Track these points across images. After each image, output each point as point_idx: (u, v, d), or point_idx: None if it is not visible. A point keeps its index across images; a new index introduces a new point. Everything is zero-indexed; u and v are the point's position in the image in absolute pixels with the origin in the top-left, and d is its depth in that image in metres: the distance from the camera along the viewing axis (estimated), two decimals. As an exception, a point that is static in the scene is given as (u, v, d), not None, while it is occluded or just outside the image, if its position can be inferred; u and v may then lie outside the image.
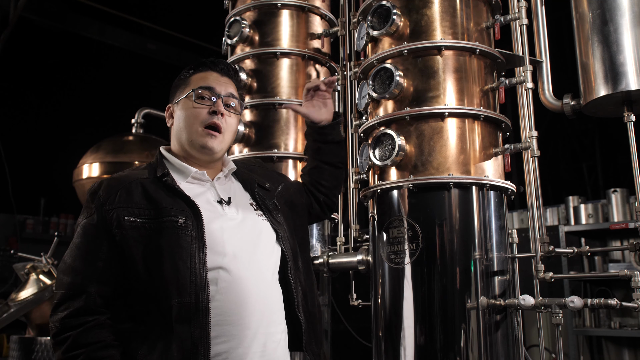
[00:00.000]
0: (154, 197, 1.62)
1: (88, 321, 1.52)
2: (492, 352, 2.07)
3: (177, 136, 1.78)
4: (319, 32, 2.95)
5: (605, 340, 4.87)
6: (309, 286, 1.81)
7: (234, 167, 1.83)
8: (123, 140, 4.68)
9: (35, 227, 7.60)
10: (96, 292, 1.55)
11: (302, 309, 1.72)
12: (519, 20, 2.37)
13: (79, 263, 1.58)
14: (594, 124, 7.96)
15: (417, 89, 2.24)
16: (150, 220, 1.58)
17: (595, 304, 1.99)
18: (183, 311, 1.50)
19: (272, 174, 1.99)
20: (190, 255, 1.54)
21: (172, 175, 1.69)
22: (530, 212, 2.26)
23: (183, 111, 1.75)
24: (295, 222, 1.87)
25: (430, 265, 2.11)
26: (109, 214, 1.58)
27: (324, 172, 2.08)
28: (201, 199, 1.67)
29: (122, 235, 1.57)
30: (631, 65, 2.18)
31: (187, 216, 1.59)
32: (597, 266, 5.00)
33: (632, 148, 2.19)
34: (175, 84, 1.83)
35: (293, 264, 1.75)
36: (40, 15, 6.65)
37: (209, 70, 1.80)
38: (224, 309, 1.54)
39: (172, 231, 1.56)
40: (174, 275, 1.53)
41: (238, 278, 1.58)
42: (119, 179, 1.67)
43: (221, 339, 1.53)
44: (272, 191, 1.86)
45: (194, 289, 1.52)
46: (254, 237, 1.69)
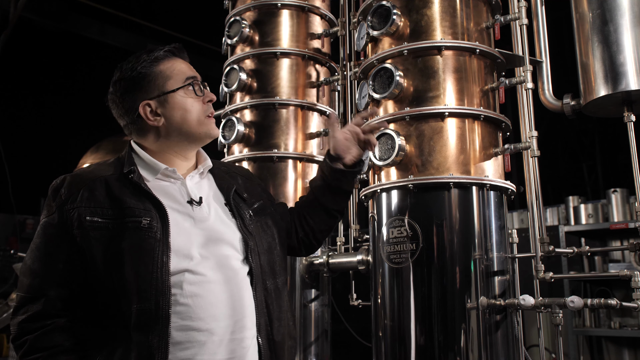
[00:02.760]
0: (118, 196, 1.52)
1: (46, 325, 1.46)
2: (492, 352, 2.07)
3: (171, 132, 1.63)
4: (319, 32, 2.96)
5: (605, 340, 4.87)
6: (278, 313, 1.64)
7: (210, 164, 1.72)
8: (123, 140, 4.67)
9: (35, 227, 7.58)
10: (55, 296, 1.48)
11: (265, 335, 1.58)
12: (519, 20, 2.37)
13: (37, 265, 1.51)
14: (594, 124, 7.97)
15: (417, 89, 2.24)
16: (112, 220, 1.49)
17: (595, 304, 1.99)
18: (142, 318, 1.42)
19: (255, 188, 1.83)
20: (153, 259, 1.45)
21: (139, 172, 1.59)
22: (530, 212, 2.26)
23: (181, 105, 1.62)
24: (270, 244, 1.71)
25: (430, 265, 2.11)
26: (69, 213, 1.50)
27: (316, 212, 1.89)
28: (170, 198, 1.57)
29: (83, 236, 1.48)
30: (631, 65, 2.18)
31: (152, 217, 1.50)
32: (597, 266, 5.00)
33: (632, 148, 2.19)
34: (136, 77, 1.63)
35: (261, 282, 1.61)
36: (40, 15, 6.64)
37: (174, 57, 1.69)
38: (189, 313, 1.46)
39: (135, 233, 1.47)
40: (134, 279, 1.45)
41: (205, 282, 1.49)
42: (82, 175, 1.59)
43: (185, 345, 1.45)
44: (249, 204, 1.73)
45: (154, 295, 1.43)
46: (224, 239, 1.58)
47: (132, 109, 1.64)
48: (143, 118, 1.62)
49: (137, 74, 1.63)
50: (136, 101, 1.63)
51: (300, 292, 2.71)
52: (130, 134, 1.70)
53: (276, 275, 1.69)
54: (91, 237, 1.48)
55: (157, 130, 1.64)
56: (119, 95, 1.67)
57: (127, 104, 1.65)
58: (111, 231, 1.48)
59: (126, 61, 1.67)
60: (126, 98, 1.65)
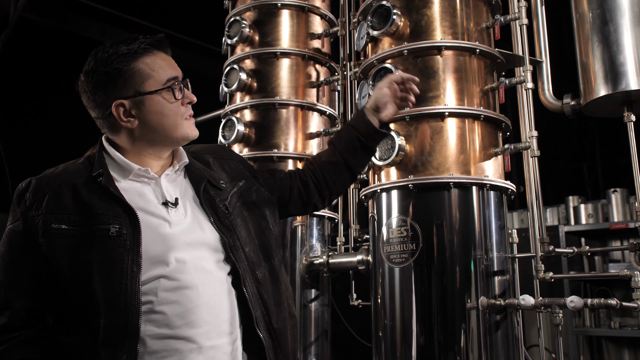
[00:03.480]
0: (86, 201, 1.42)
1: (12, 337, 1.39)
2: (492, 352, 2.07)
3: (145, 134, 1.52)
4: (319, 32, 2.96)
5: (605, 340, 4.87)
6: (276, 298, 1.57)
7: (186, 160, 1.59)
8: (123, 140, 4.67)
9: (35, 227, 7.59)
10: (21, 307, 1.40)
11: (264, 326, 1.51)
12: (519, 20, 2.37)
13: (2, 275, 1.42)
14: (594, 124, 7.97)
15: (417, 89, 2.24)
16: (79, 227, 1.39)
17: (595, 304, 1.99)
18: (110, 333, 1.35)
19: (234, 167, 1.71)
20: (122, 270, 1.36)
21: (110, 174, 1.47)
22: (530, 212, 2.26)
23: (157, 109, 1.49)
24: (260, 225, 1.64)
25: (430, 265, 2.11)
26: (34, 220, 1.40)
27: (341, 174, 1.83)
28: (142, 200, 1.46)
29: (48, 245, 1.38)
30: (631, 65, 2.18)
31: (122, 223, 1.39)
32: (597, 266, 5.00)
33: (632, 148, 2.19)
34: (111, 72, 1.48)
35: (250, 275, 1.52)
36: (40, 15, 6.64)
37: (156, 52, 1.53)
38: (165, 321, 1.38)
39: (103, 241, 1.37)
40: (102, 292, 1.35)
41: (181, 287, 1.40)
42: (49, 178, 1.48)
43: (162, 354, 1.37)
44: (227, 190, 1.60)
45: (123, 310, 1.34)
46: (200, 241, 1.48)
47: (104, 105, 1.50)
48: (115, 117, 1.50)
49: (113, 70, 1.48)
50: (109, 98, 1.49)
51: (300, 292, 2.71)
52: (102, 128, 1.57)
53: (270, 258, 1.62)
54: (57, 245, 1.38)
55: (130, 131, 1.51)
56: (90, 88, 1.53)
57: (99, 99, 1.51)
58: (78, 239, 1.39)
59: (102, 49, 1.51)
60: (98, 92, 1.51)
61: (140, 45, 1.50)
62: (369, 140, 1.82)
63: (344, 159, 1.83)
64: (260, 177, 1.76)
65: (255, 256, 1.57)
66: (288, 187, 1.81)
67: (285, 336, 1.57)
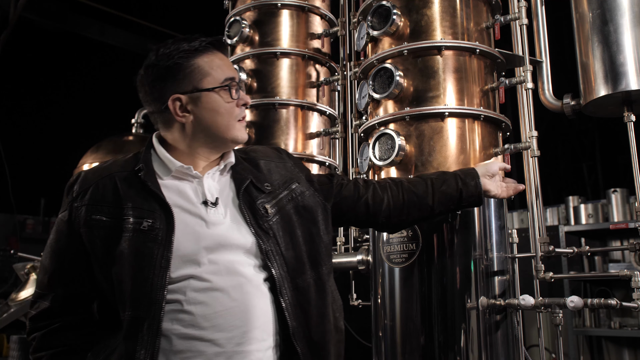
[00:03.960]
0: (124, 195, 1.45)
1: (53, 323, 1.45)
2: (492, 352, 2.07)
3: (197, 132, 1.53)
4: (319, 32, 2.96)
5: (605, 340, 4.87)
6: (319, 309, 1.50)
7: (233, 160, 1.59)
8: (123, 140, 4.68)
9: (35, 227, 7.61)
10: (63, 294, 1.46)
11: (302, 337, 1.46)
12: (519, 20, 2.37)
13: (48, 262, 1.49)
14: (594, 124, 7.97)
15: (417, 89, 2.24)
16: (116, 219, 1.42)
17: (595, 304, 1.99)
18: (133, 326, 1.35)
19: (288, 169, 1.67)
20: (151, 264, 1.37)
21: (152, 170, 1.49)
22: (530, 212, 2.26)
23: (213, 106, 1.52)
24: (310, 231, 1.58)
25: (430, 265, 2.11)
26: (78, 210, 1.45)
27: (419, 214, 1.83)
28: (181, 198, 1.47)
29: (88, 235, 1.43)
30: (631, 65, 2.18)
31: (156, 218, 1.41)
32: (597, 266, 5.00)
33: (632, 148, 2.19)
34: (172, 66, 1.52)
35: (288, 283, 1.47)
36: (40, 15, 6.65)
37: (214, 51, 1.56)
38: (192, 322, 1.37)
39: (136, 234, 1.40)
40: (130, 284, 1.37)
41: (211, 289, 1.39)
42: (95, 171, 1.52)
43: (187, 354, 1.36)
44: (273, 193, 1.57)
45: (147, 304, 1.35)
46: (236, 244, 1.46)
47: (161, 99, 1.53)
48: (170, 111, 1.52)
49: (174, 64, 1.51)
50: (167, 92, 1.52)
51: (300, 292, 2.70)
52: (155, 123, 1.60)
53: (318, 266, 1.55)
54: (95, 236, 1.43)
55: (182, 126, 1.53)
56: (149, 81, 1.55)
57: (156, 93, 1.54)
58: (114, 231, 1.42)
59: (163, 45, 1.55)
60: (156, 86, 1.53)
61: (201, 43, 1.54)
62: (467, 202, 1.85)
63: (434, 203, 1.82)
64: (316, 182, 1.71)
65: (298, 263, 1.52)
66: (354, 195, 1.77)
67: (326, 350, 1.51)
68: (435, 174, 1.92)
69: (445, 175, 1.88)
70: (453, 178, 1.86)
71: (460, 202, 1.84)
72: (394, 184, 1.84)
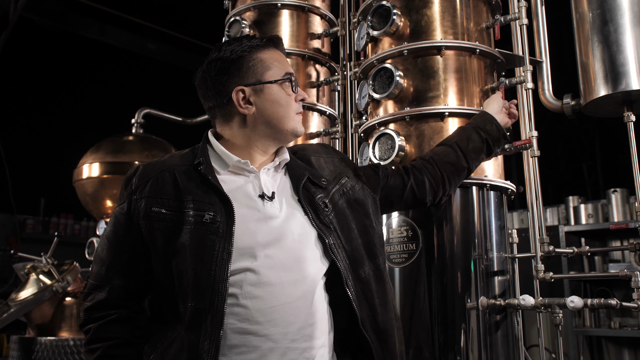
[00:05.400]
0: (184, 188, 1.47)
1: (109, 314, 1.47)
2: (492, 352, 2.07)
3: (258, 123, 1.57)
4: (319, 32, 2.95)
5: (605, 340, 4.87)
6: (381, 298, 1.54)
7: (287, 157, 1.62)
8: (123, 140, 4.68)
9: (35, 227, 7.61)
10: (120, 285, 1.48)
11: (371, 326, 1.49)
12: (519, 20, 2.37)
13: (105, 253, 1.51)
14: (594, 124, 7.97)
15: (417, 89, 2.24)
16: (176, 212, 1.44)
17: (595, 304, 1.99)
18: (196, 318, 1.37)
19: (336, 164, 1.71)
20: (213, 256, 1.38)
21: (211, 164, 1.52)
22: (530, 212, 2.26)
23: (275, 98, 1.57)
24: (364, 223, 1.62)
25: (430, 265, 2.11)
26: (137, 203, 1.47)
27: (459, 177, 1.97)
28: (239, 192, 1.50)
29: (147, 227, 1.45)
30: (631, 65, 2.18)
31: (217, 211, 1.43)
32: (597, 266, 5.00)
33: (632, 148, 2.19)
34: (236, 59, 1.57)
35: (352, 274, 1.50)
36: (40, 15, 6.65)
37: (274, 48, 1.63)
38: (247, 316, 1.38)
39: (197, 227, 1.42)
40: (192, 276, 1.39)
41: (267, 284, 1.40)
42: (154, 165, 1.54)
43: (241, 349, 1.37)
44: (328, 188, 1.60)
45: (209, 295, 1.36)
46: (295, 240, 1.48)
47: (224, 92, 1.57)
48: (233, 103, 1.56)
49: (238, 57, 1.57)
50: (230, 84, 1.56)
51: (300, 292, 2.70)
52: (214, 119, 1.63)
53: (375, 257, 1.59)
54: (155, 228, 1.44)
55: (244, 118, 1.57)
56: (212, 75, 1.59)
57: (220, 86, 1.58)
58: (175, 224, 1.44)
59: (225, 42, 1.62)
60: (220, 79, 1.57)
61: (261, 40, 1.62)
62: (496, 145, 1.98)
63: (468, 163, 1.94)
64: (363, 175, 1.76)
65: (358, 255, 1.55)
66: (400, 184, 1.83)
67: (392, 337, 1.54)
68: (455, 135, 2.02)
69: (465, 132, 1.99)
70: (475, 132, 1.98)
71: (489, 149, 2.01)
72: (427, 162, 1.91)
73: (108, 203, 4.49)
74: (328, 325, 1.49)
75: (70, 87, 7.30)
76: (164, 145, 4.72)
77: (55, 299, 4.02)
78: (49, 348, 3.83)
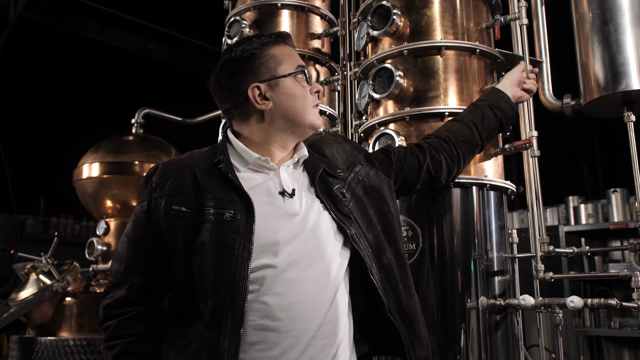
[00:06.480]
0: (204, 186, 1.47)
1: (128, 311, 1.48)
2: (492, 352, 2.07)
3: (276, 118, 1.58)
4: (319, 32, 2.95)
5: (605, 340, 4.87)
6: (404, 282, 1.56)
7: (306, 153, 1.62)
8: (123, 140, 4.68)
9: (35, 227, 7.61)
10: (139, 283, 1.49)
11: (397, 312, 1.51)
12: (519, 20, 2.37)
13: (125, 251, 1.52)
14: (594, 124, 7.97)
15: (417, 89, 2.24)
16: (196, 211, 1.44)
17: (595, 304, 1.99)
18: (216, 316, 1.37)
19: (348, 153, 1.72)
20: (233, 254, 1.39)
21: (230, 162, 1.53)
22: (530, 212, 2.26)
23: (290, 91, 1.58)
24: (382, 209, 1.62)
25: (430, 265, 2.11)
26: (157, 201, 1.48)
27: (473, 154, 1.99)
28: (260, 189, 1.50)
29: (167, 225, 1.45)
30: (631, 65, 2.18)
31: (237, 209, 1.43)
32: (597, 266, 5.00)
33: (632, 148, 2.19)
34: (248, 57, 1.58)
35: (376, 262, 1.51)
36: (40, 15, 6.65)
37: (284, 44, 1.64)
38: (267, 312, 1.38)
39: (217, 225, 1.42)
40: (212, 274, 1.39)
41: (288, 280, 1.40)
42: (173, 163, 1.55)
43: (261, 345, 1.37)
44: (344, 178, 1.61)
45: (229, 293, 1.36)
46: (316, 234, 1.48)
47: (240, 91, 1.58)
48: (250, 101, 1.56)
49: (249, 55, 1.58)
50: (245, 83, 1.57)
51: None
52: (231, 119, 1.64)
53: (395, 242, 1.60)
54: (175, 226, 1.45)
55: (261, 114, 1.58)
56: (226, 76, 1.60)
57: (235, 86, 1.58)
58: (195, 222, 1.44)
59: (235, 43, 1.63)
60: (235, 79, 1.58)
61: (270, 37, 1.63)
62: (508, 124, 2.03)
63: (482, 140, 1.97)
64: (376, 161, 1.77)
65: (379, 242, 1.56)
66: (416, 165, 1.84)
67: (418, 321, 1.57)
68: (469, 112, 2.01)
69: (479, 109, 2.00)
70: (489, 110, 2.00)
71: (501, 127, 2.04)
72: (443, 141, 1.91)
73: (108, 203, 4.49)
74: (349, 322, 1.50)
75: (70, 87, 7.30)
76: (164, 145, 4.72)
77: (55, 299, 4.02)
78: (49, 348, 3.83)
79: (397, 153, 1.83)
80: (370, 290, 1.51)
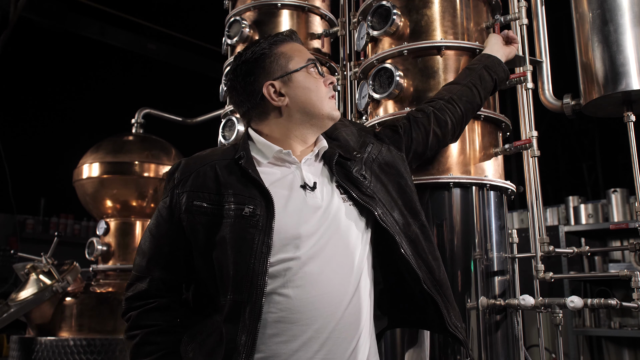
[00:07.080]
0: (225, 182, 1.49)
1: (149, 303, 1.50)
2: (492, 352, 2.07)
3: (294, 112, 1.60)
4: (319, 32, 2.95)
5: (605, 340, 4.87)
6: (432, 253, 1.60)
7: (326, 145, 1.63)
8: (123, 140, 4.68)
9: (35, 227, 7.61)
10: (160, 277, 1.51)
11: (432, 283, 1.54)
12: (519, 20, 2.37)
13: (147, 246, 1.55)
14: (594, 124, 7.97)
15: (417, 89, 2.24)
16: (217, 206, 1.46)
17: (595, 304, 1.99)
18: (234, 310, 1.39)
19: (357, 134, 1.75)
20: (252, 250, 1.39)
21: (251, 157, 1.54)
22: (530, 212, 2.26)
23: (305, 84, 1.60)
24: (399, 184, 1.65)
25: (430, 265, 2.10)
26: (179, 197, 1.50)
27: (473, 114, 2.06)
28: (281, 183, 1.51)
29: (189, 221, 1.47)
30: (631, 65, 2.18)
31: (257, 205, 1.44)
32: (597, 266, 5.01)
33: (632, 148, 2.19)
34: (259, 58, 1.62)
35: (405, 237, 1.54)
36: (40, 15, 6.65)
37: (292, 41, 1.68)
38: (288, 305, 1.39)
39: (237, 220, 1.43)
40: (232, 269, 1.40)
41: (310, 273, 1.41)
42: (195, 160, 1.57)
43: (281, 337, 1.39)
44: (361, 158, 1.64)
45: (248, 288, 1.38)
46: (338, 226, 1.50)
47: (255, 91, 1.61)
48: (266, 99, 1.59)
49: (260, 55, 1.62)
50: (259, 82, 1.60)
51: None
52: (250, 121, 1.66)
53: (418, 214, 1.64)
54: (196, 221, 1.47)
55: (279, 111, 1.60)
56: (240, 79, 1.64)
57: (250, 87, 1.62)
58: (216, 217, 1.46)
59: (244, 48, 1.67)
60: (249, 80, 1.62)
61: (277, 37, 1.67)
62: (500, 85, 2.14)
63: (481, 100, 2.06)
64: (385, 137, 1.82)
65: (403, 218, 1.60)
66: (423, 133, 1.90)
67: (448, 288, 1.61)
68: (466, 75, 2.08)
69: (476, 71, 2.08)
70: (486, 72, 2.08)
71: (495, 88, 2.13)
72: (446, 102, 1.97)
73: (108, 203, 4.49)
74: (369, 314, 1.51)
75: (70, 87, 7.30)
76: (164, 145, 4.72)
77: (55, 299, 4.03)
78: (49, 348, 3.83)
79: (403, 126, 1.88)
80: (399, 266, 1.54)
